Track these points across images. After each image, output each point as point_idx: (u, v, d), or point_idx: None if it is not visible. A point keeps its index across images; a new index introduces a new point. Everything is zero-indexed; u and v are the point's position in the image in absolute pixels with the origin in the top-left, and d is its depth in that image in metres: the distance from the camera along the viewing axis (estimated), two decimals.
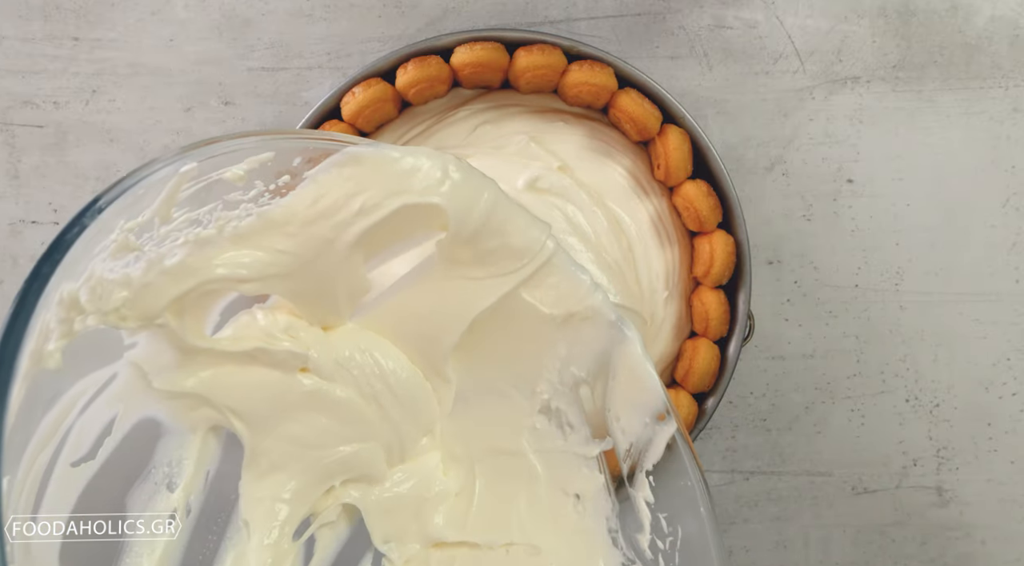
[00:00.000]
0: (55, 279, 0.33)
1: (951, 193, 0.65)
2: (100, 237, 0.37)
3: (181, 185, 0.39)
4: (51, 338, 0.35)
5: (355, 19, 0.63)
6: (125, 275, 0.38)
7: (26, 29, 0.63)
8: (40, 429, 0.37)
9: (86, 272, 0.37)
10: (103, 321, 0.38)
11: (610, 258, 0.57)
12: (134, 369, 0.41)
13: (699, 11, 0.64)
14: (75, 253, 0.34)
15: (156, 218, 0.39)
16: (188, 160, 0.38)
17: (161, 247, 0.40)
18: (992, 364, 0.65)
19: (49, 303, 0.35)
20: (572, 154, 0.58)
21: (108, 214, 0.36)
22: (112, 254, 0.38)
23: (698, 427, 0.57)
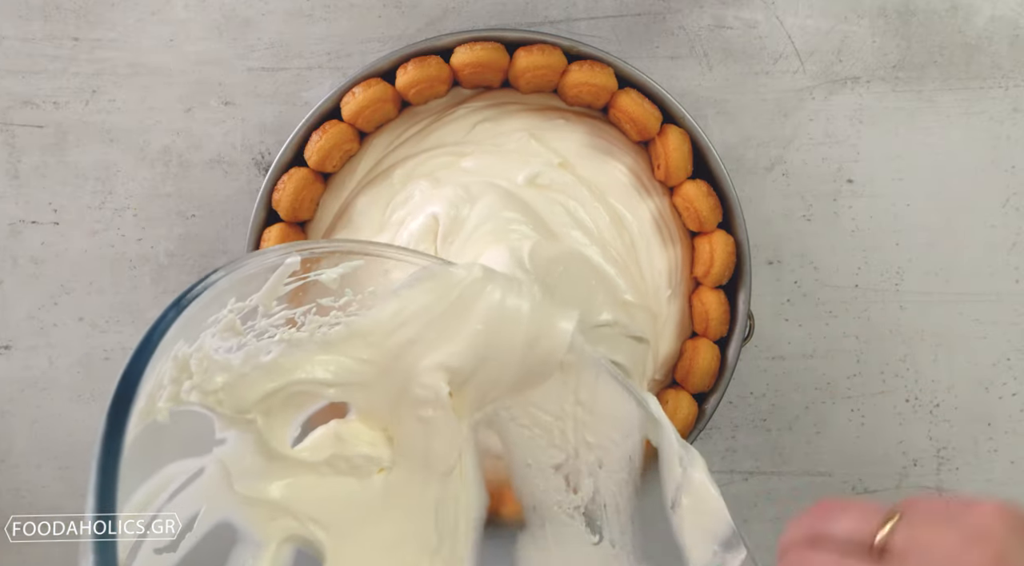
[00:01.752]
0: (176, 328, 0.36)
1: (951, 193, 0.65)
2: (214, 308, 0.40)
3: (284, 277, 0.43)
4: (163, 394, 0.38)
5: (355, 19, 0.63)
6: (227, 360, 0.41)
7: (26, 29, 0.63)
8: (137, 494, 0.38)
9: (198, 341, 0.39)
10: (203, 400, 0.40)
11: (615, 253, 0.57)
12: (220, 468, 0.43)
13: (699, 11, 0.64)
14: (194, 312, 0.37)
15: (260, 306, 0.42)
16: (293, 254, 0.43)
17: (260, 341, 0.43)
18: (992, 364, 0.65)
19: (167, 355, 0.37)
20: (573, 151, 0.58)
21: (224, 283, 0.39)
22: (220, 332, 0.41)
23: (698, 427, 0.57)
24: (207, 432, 0.42)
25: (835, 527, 0.32)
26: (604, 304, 0.54)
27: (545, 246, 0.54)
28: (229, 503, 0.43)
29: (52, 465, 0.64)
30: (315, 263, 0.45)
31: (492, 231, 0.54)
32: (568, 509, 0.48)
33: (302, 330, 0.44)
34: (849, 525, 0.32)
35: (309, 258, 0.44)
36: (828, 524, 0.33)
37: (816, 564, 0.32)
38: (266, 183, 0.57)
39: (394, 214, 0.57)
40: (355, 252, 0.46)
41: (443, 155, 0.58)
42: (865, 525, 0.32)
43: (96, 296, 0.64)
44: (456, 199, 0.55)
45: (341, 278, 0.45)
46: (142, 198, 0.63)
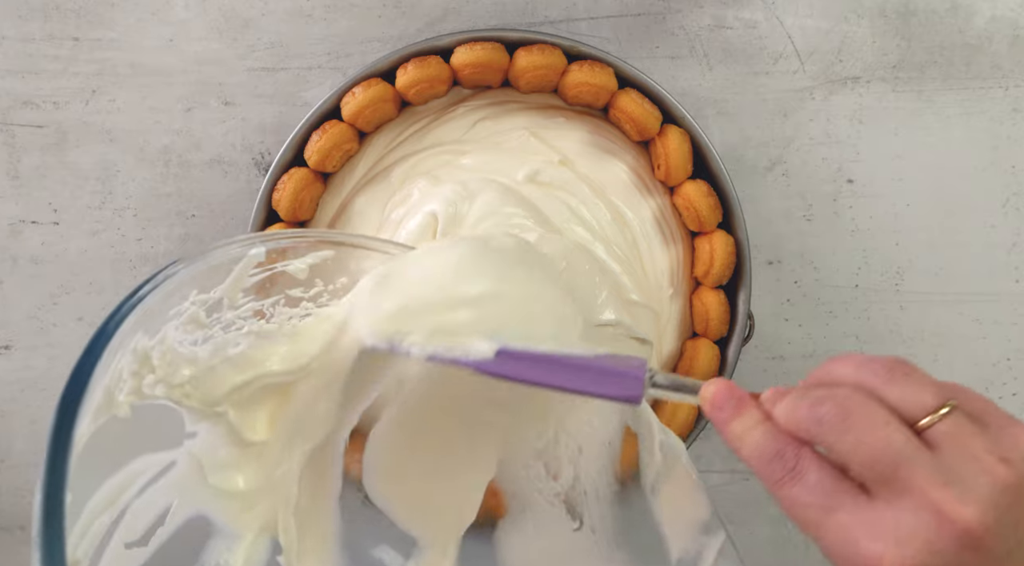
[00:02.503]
0: (132, 320, 0.35)
1: (951, 193, 0.65)
2: (175, 300, 0.39)
3: (248, 268, 0.42)
4: (123, 388, 0.37)
5: (355, 19, 0.63)
6: (193, 353, 0.41)
7: (26, 29, 0.63)
8: (102, 490, 0.38)
9: (160, 333, 0.39)
10: (168, 394, 0.40)
11: (619, 251, 0.57)
12: (192, 461, 0.42)
13: (699, 11, 0.64)
14: (152, 303, 0.37)
15: (225, 298, 0.42)
16: (257, 244, 0.42)
17: (227, 333, 0.42)
18: (992, 364, 0.65)
19: (125, 347, 0.37)
20: (573, 149, 0.58)
21: (184, 275, 0.39)
22: (184, 324, 0.40)
23: (698, 427, 0.57)
24: (176, 426, 0.42)
25: (893, 392, 0.33)
26: (607, 303, 0.54)
27: (550, 239, 0.54)
28: (202, 496, 0.43)
29: None
30: (282, 254, 0.44)
31: (493, 227, 0.54)
32: (548, 496, 0.48)
33: (271, 322, 0.44)
34: (906, 395, 0.33)
35: (275, 249, 0.43)
36: (888, 386, 0.33)
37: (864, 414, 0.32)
38: (266, 183, 0.57)
39: (392, 213, 0.57)
40: (324, 241, 0.45)
41: (442, 153, 0.58)
42: (921, 401, 0.32)
43: (96, 296, 0.64)
44: (454, 196, 0.55)
45: (310, 268, 0.45)
46: (142, 198, 0.63)
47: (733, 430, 0.35)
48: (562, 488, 0.47)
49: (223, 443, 0.43)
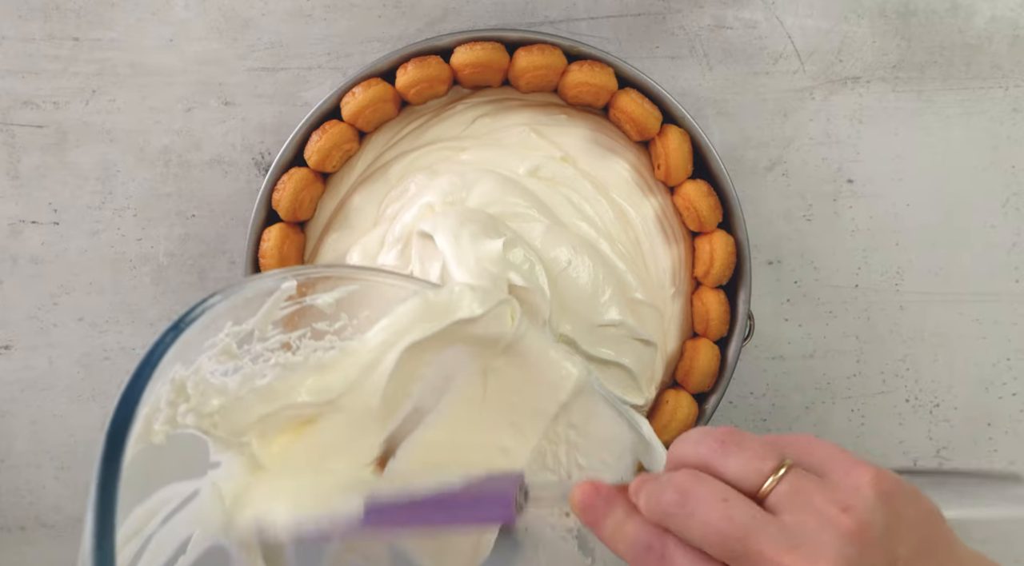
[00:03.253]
0: (174, 351, 0.36)
1: (951, 193, 0.65)
2: (210, 332, 0.40)
3: (280, 301, 0.43)
4: (159, 417, 0.38)
5: (355, 19, 0.63)
6: (223, 383, 0.41)
7: (26, 29, 0.63)
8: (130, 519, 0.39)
9: (195, 363, 0.40)
10: (198, 424, 0.40)
11: (623, 248, 0.56)
12: (214, 491, 0.43)
13: (699, 11, 0.64)
14: (191, 335, 0.37)
15: (256, 330, 0.43)
16: (289, 278, 0.43)
17: (255, 365, 0.43)
18: (992, 364, 0.65)
19: (165, 377, 0.37)
20: (575, 146, 0.58)
21: (221, 307, 0.39)
22: (217, 355, 0.41)
23: (698, 427, 0.57)
24: (202, 455, 0.42)
25: (729, 465, 0.33)
26: (612, 302, 0.54)
27: (557, 232, 0.54)
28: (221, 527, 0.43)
29: (52, 465, 0.64)
30: (311, 287, 0.45)
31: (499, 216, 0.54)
32: (561, 531, 0.48)
33: (297, 354, 0.44)
34: (742, 466, 0.32)
35: (305, 282, 0.44)
36: (723, 460, 0.33)
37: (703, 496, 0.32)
38: (266, 183, 0.57)
39: (388, 208, 0.57)
40: (350, 278, 0.46)
41: (441, 149, 0.58)
42: (757, 468, 0.32)
43: (96, 296, 0.64)
44: (451, 187, 0.54)
45: (336, 303, 0.46)
46: (142, 198, 0.63)
47: (605, 529, 0.35)
48: (575, 524, 0.48)
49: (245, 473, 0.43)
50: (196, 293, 0.64)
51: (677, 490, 0.32)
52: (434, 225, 0.52)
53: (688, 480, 0.33)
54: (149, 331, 0.64)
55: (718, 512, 0.31)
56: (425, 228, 0.52)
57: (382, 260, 0.55)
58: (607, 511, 0.35)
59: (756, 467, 0.32)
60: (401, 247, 0.54)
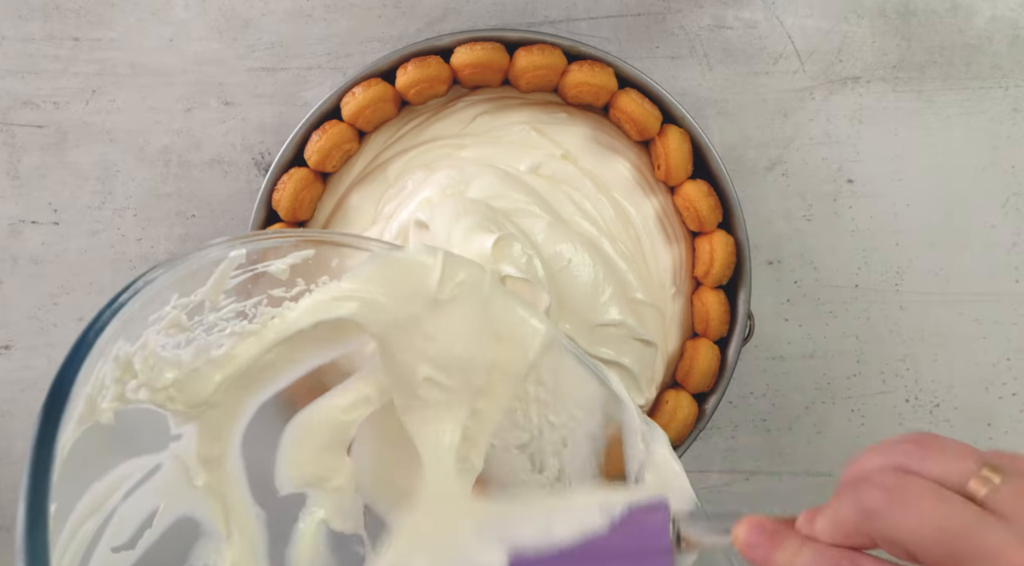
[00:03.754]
0: (112, 328, 0.35)
1: (951, 193, 0.65)
2: (155, 306, 0.39)
3: (229, 270, 0.42)
4: (106, 395, 0.37)
5: (355, 19, 0.63)
6: (176, 356, 0.41)
7: (26, 29, 0.63)
8: (88, 495, 0.38)
9: (141, 338, 0.39)
10: (152, 398, 0.40)
11: (624, 248, 0.56)
12: (177, 463, 0.42)
13: (699, 11, 0.64)
14: (132, 310, 0.37)
15: (206, 301, 0.42)
16: (237, 246, 0.42)
17: (210, 335, 0.42)
18: (992, 364, 0.65)
19: (106, 355, 0.37)
20: (575, 145, 0.58)
21: (164, 280, 0.38)
22: (165, 328, 0.40)
23: (698, 427, 0.57)
24: (161, 429, 0.42)
25: (932, 466, 0.30)
26: (612, 301, 0.54)
27: (559, 229, 0.54)
28: (189, 498, 0.43)
29: None
30: (263, 255, 0.44)
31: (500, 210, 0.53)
32: (534, 488, 0.48)
33: (254, 322, 0.44)
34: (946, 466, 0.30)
35: (256, 250, 0.43)
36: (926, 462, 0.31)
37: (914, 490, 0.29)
38: (266, 183, 0.57)
39: (385, 207, 0.56)
40: (304, 240, 0.45)
41: (441, 147, 0.57)
42: (962, 468, 0.30)
43: (96, 296, 0.64)
44: (449, 181, 0.54)
45: (291, 268, 0.45)
46: (142, 198, 0.63)
47: (779, 562, 0.32)
48: (547, 480, 0.48)
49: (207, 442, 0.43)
50: None
51: (881, 487, 0.30)
52: (431, 214, 0.52)
53: (893, 477, 0.30)
54: None
55: (938, 507, 0.29)
56: (422, 217, 0.52)
57: None
58: (776, 544, 0.33)
59: (963, 467, 0.30)
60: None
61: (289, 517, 0.46)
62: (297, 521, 0.46)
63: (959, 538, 0.28)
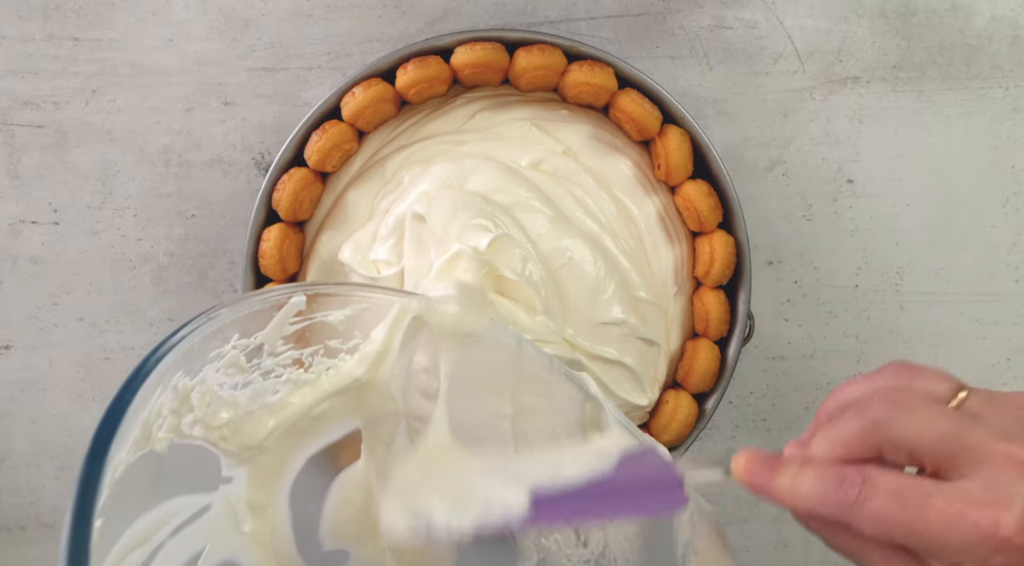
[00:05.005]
0: (173, 357, 0.35)
1: (951, 193, 0.65)
2: (216, 343, 0.40)
3: (289, 316, 0.42)
4: (162, 424, 0.37)
5: (355, 19, 0.63)
6: (232, 396, 0.41)
7: (26, 29, 0.63)
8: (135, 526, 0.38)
9: (200, 374, 0.39)
10: (206, 436, 0.40)
11: (626, 245, 0.56)
12: (227, 506, 0.42)
13: (699, 11, 0.64)
14: (193, 343, 0.37)
15: (265, 345, 0.42)
16: (299, 293, 0.42)
17: (266, 380, 0.43)
18: (992, 364, 0.65)
19: (166, 384, 0.37)
20: (577, 142, 0.57)
21: (226, 317, 0.39)
22: (224, 367, 0.40)
23: (698, 427, 0.57)
24: (213, 469, 0.42)
25: (918, 384, 0.35)
26: (614, 299, 0.53)
27: (561, 225, 0.53)
28: (235, 543, 0.43)
29: (52, 465, 0.64)
30: (321, 305, 0.44)
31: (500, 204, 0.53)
32: (578, 563, 0.47)
33: (310, 371, 0.44)
34: (929, 385, 0.35)
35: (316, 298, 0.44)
36: (913, 381, 0.35)
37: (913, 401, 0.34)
38: (266, 183, 0.57)
39: (381, 202, 0.56)
40: (362, 298, 0.45)
41: (440, 143, 0.57)
42: (943, 387, 0.35)
43: (96, 296, 0.64)
44: (447, 175, 0.54)
45: (348, 320, 0.45)
46: (142, 198, 0.63)
47: (781, 485, 0.35)
48: (592, 555, 0.47)
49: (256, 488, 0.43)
50: (196, 293, 0.64)
51: (886, 401, 0.34)
52: (429, 207, 0.51)
53: (893, 391, 0.35)
54: (149, 331, 0.64)
55: (933, 413, 0.33)
56: (419, 210, 0.52)
57: (374, 255, 0.54)
58: (775, 469, 0.35)
59: (943, 386, 0.35)
60: (394, 241, 0.54)
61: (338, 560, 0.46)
62: None
63: (953, 435, 0.33)
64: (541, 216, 0.53)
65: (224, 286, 0.64)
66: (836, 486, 0.33)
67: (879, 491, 0.32)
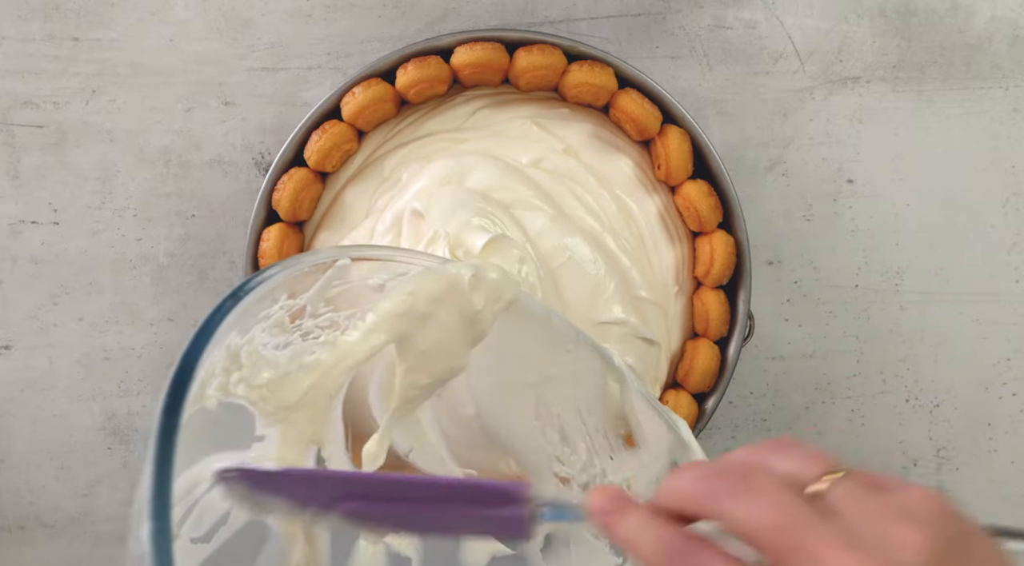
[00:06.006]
0: (232, 318, 0.36)
1: (951, 193, 0.65)
2: (266, 303, 0.41)
3: (334, 279, 0.43)
4: (213, 382, 0.38)
5: (355, 19, 0.63)
6: (274, 357, 0.42)
7: (26, 29, 0.63)
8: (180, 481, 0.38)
9: (250, 333, 0.40)
10: (247, 394, 0.41)
11: (627, 244, 0.56)
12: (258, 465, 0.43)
13: (699, 11, 0.64)
14: (249, 303, 0.38)
15: (308, 306, 0.43)
16: (344, 256, 0.43)
17: (305, 341, 0.43)
18: (992, 364, 0.65)
19: (221, 343, 0.38)
20: (578, 140, 0.57)
21: (279, 279, 0.40)
22: (271, 328, 0.41)
23: (698, 427, 0.57)
24: (248, 428, 0.42)
25: (782, 462, 0.32)
26: (615, 298, 0.53)
27: (561, 223, 0.53)
28: None
29: (52, 465, 0.64)
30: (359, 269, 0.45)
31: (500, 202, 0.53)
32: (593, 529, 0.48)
33: (346, 333, 0.44)
34: (792, 465, 0.32)
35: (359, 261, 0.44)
36: (774, 458, 0.32)
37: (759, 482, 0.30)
38: (266, 183, 0.57)
39: (379, 200, 0.56)
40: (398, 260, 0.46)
41: (439, 141, 0.57)
42: (809, 469, 0.31)
43: (96, 296, 0.64)
44: (446, 171, 0.54)
45: (385, 285, 0.45)
46: (142, 198, 0.63)
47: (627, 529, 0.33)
48: None
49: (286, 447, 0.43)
50: (196, 293, 0.64)
51: (732, 472, 0.31)
52: (428, 204, 0.51)
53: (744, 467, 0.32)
54: (149, 331, 0.64)
55: (773, 497, 0.30)
56: (418, 206, 0.52)
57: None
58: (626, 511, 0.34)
59: (811, 468, 0.31)
60: (391, 238, 0.54)
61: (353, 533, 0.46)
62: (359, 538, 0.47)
63: (787, 530, 0.29)
64: (541, 214, 0.53)
65: (224, 286, 0.64)
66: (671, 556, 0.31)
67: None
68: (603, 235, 0.55)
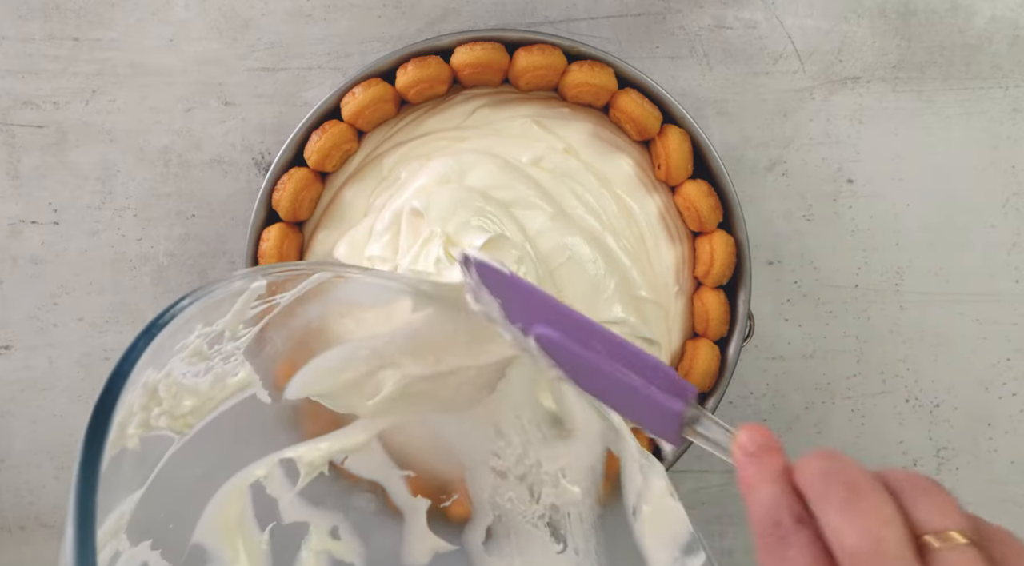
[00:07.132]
0: (146, 357, 0.36)
1: (951, 193, 0.65)
2: (182, 335, 0.40)
3: (250, 301, 0.43)
4: (132, 421, 0.38)
5: (355, 19, 0.63)
6: (195, 384, 0.42)
7: (26, 29, 0.63)
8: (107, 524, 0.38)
9: (167, 367, 0.40)
10: (171, 425, 0.40)
11: (627, 244, 0.56)
12: None
13: (699, 11, 0.64)
14: (163, 340, 0.37)
15: (227, 330, 0.43)
16: (258, 278, 0.42)
17: (227, 363, 0.43)
18: (992, 364, 0.65)
19: (136, 383, 0.37)
20: (578, 139, 0.57)
21: (192, 310, 0.39)
22: (188, 357, 0.41)
23: None
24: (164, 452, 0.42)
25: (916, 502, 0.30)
26: (615, 298, 0.53)
27: (561, 222, 0.53)
28: None
29: (52, 465, 0.64)
30: (281, 286, 0.44)
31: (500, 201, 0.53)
32: (532, 518, 0.48)
33: None
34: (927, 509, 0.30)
35: (276, 281, 0.44)
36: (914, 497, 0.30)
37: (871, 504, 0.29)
38: (266, 183, 0.57)
39: (377, 199, 0.56)
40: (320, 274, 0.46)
41: (439, 140, 0.57)
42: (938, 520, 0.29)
43: (96, 296, 0.64)
44: (445, 169, 0.53)
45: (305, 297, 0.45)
46: (142, 198, 0.63)
47: (751, 474, 0.33)
48: (545, 511, 0.48)
49: None
50: None
51: (851, 483, 0.30)
52: (427, 202, 0.51)
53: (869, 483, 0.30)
54: None
55: (874, 527, 0.29)
56: (417, 205, 0.52)
57: (370, 252, 0.54)
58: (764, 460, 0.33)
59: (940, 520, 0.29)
60: (390, 237, 0.54)
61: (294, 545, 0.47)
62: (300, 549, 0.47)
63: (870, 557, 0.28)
64: (541, 213, 0.53)
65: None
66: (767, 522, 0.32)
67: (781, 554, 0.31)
68: (603, 235, 0.55)
